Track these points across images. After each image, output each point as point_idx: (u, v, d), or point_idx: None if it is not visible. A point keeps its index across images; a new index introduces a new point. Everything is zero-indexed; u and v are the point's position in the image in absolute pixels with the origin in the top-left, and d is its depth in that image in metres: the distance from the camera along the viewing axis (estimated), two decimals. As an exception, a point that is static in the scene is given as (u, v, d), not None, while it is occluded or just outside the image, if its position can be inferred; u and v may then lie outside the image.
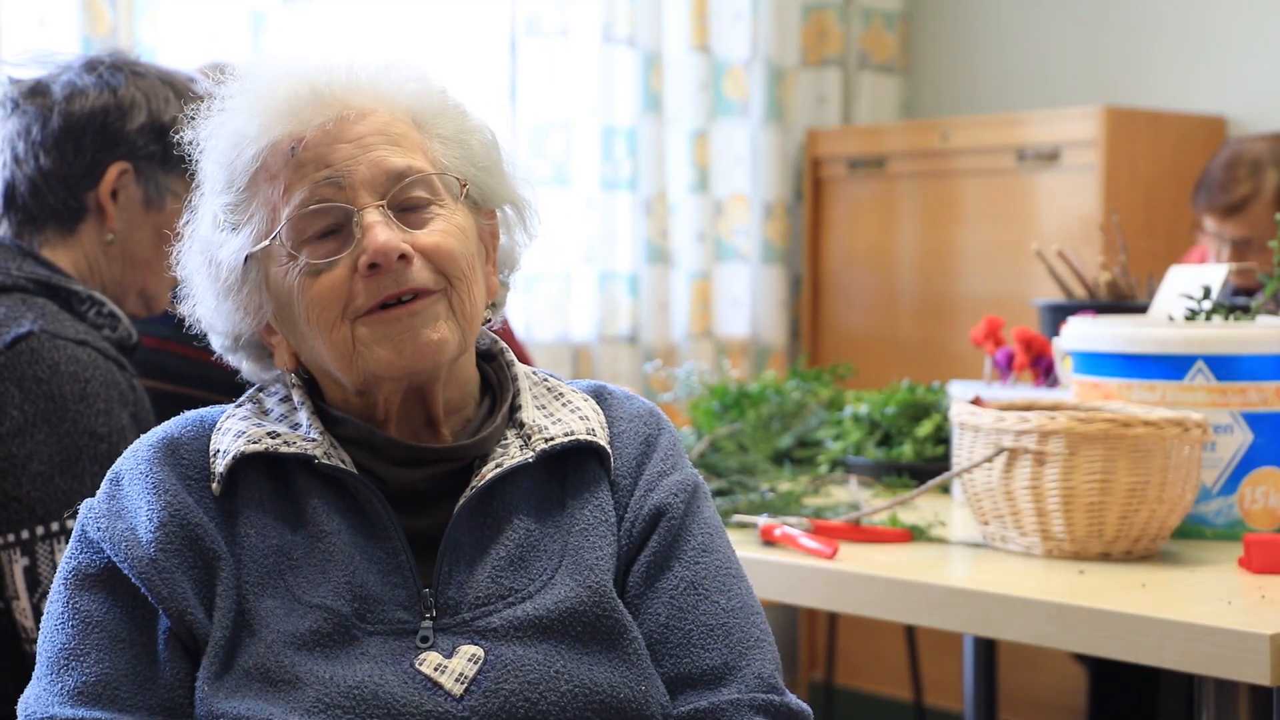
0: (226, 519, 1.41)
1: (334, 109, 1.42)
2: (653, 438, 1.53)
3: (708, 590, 1.46)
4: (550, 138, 4.17)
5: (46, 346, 1.88)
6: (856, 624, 4.39)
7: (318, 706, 1.32)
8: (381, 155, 1.42)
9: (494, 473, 1.44)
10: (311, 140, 1.42)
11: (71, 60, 2.09)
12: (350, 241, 1.41)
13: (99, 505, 1.43)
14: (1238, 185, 3.72)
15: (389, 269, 1.40)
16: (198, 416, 1.48)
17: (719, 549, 1.50)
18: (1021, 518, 2.08)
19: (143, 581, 1.37)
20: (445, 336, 1.42)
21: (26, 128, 2.03)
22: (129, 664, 1.36)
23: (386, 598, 1.39)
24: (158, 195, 2.06)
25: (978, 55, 4.82)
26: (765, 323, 4.60)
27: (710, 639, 1.43)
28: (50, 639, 1.39)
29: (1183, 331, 2.19)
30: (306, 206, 1.41)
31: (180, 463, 1.43)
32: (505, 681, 1.35)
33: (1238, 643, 1.70)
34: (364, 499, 1.42)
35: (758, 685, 1.42)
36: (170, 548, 1.38)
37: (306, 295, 1.41)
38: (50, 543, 1.84)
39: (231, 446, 1.43)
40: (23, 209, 2.04)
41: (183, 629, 1.37)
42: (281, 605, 1.37)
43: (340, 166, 1.41)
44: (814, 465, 2.76)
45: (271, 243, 1.42)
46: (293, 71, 1.44)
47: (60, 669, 1.36)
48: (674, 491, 1.49)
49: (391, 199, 1.42)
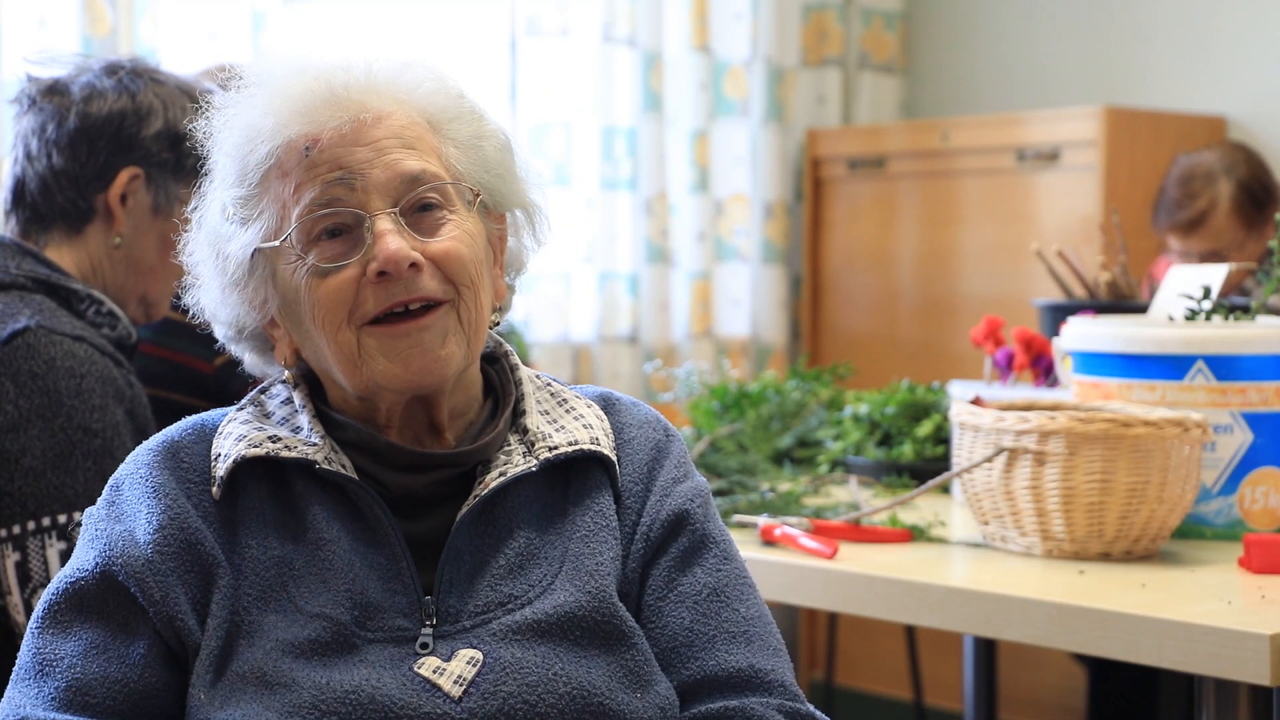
0: (226, 525, 1.41)
1: (350, 110, 1.41)
2: (664, 444, 1.52)
3: (729, 598, 1.46)
4: (550, 138, 4.17)
5: (43, 342, 1.88)
6: (856, 624, 4.39)
7: (314, 711, 1.32)
8: (396, 159, 1.42)
9: (497, 481, 1.44)
10: (327, 141, 1.41)
11: (91, 62, 2.09)
12: (360, 245, 1.40)
13: (98, 510, 1.43)
14: (1194, 200, 3.70)
15: (399, 277, 1.39)
16: (199, 421, 1.48)
17: (736, 558, 1.50)
18: (1021, 518, 2.08)
19: (135, 583, 1.36)
20: (452, 352, 1.41)
21: (42, 125, 2.03)
22: (101, 669, 1.35)
23: (387, 605, 1.38)
24: (166, 203, 2.06)
25: (978, 55, 4.82)
26: (765, 323, 4.60)
27: (735, 644, 1.43)
28: (29, 645, 1.38)
29: (1183, 331, 2.19)
30: (317, 207, 1.41)
31: (180, 467, 1.43)
32: (504, 683, 1.35)
33: (1237, 642, 1.70)
34: (364, 505, 1.42)
35: (784, 693, 1.43)
36: (167, 550, 1.37)
37: (313, 295, 1.41)
38: (42, 537, 1.85)
39: (232, 450, 1.42)
40: (31, 206, 2.04)
41: (171, 634, 1.37)
42: (283, 618, 1.36)
43: (354, 169, 1.40)
44: (814, 465, 2.76)
45: (281, 241, 1.42)
46: (310, 69, 1.43)
47: (36, 674, 1.36)
48: (691, 498, 1.49)
49: (404, 205, 1.42)
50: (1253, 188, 3.70)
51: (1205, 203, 3.68)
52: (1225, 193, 3.69)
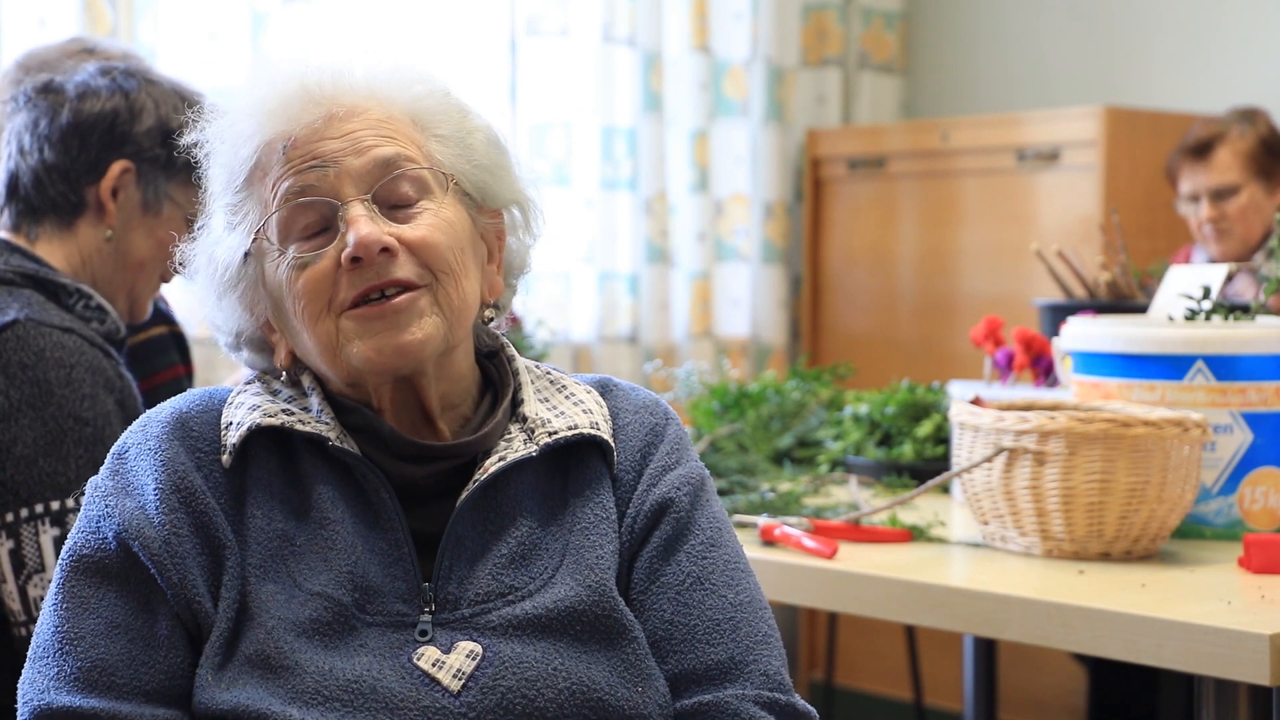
0: (234, 497, 1.41)
1: (324, 107, 1.43)
2: (659, 428, 1.52)
3: (714, 585, 1.45)
4: (550, 138, 4.17)
5: (32, 334, 1.90)
6: (856, 624, 4.39)
7: (316, 698, 1.33)
8: (369, 145, 1.43)
9: (497, 466, 1.44)
10: (301, 138, 1.43)
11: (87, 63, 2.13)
12: (336, 235, 1.42)
13: (104, 483, 1.43)
14: (1207, 129, 3.78)
15: (371, 262, 1.40)
16: (206, 392, 1.49)
17: (726, 543, 1.49)
18: (1021, 518, 2.08)
19: (155, 564, 1.37)
20: (429, 334, 1.42)
21: (35, 121, 2.06)
22: (125, 649, 1.36)
23: (387, 589, 1.39)
24: (156, 200, 2.08)
25: (978, 55, 4.82)
26: (765, 323, 4.60)
27: (716, 634, 1.43)
28: (47, 621, 1.39)
29: (1182, 331, 2.19)
30: (292, 197, 1.42)
31: (190, 435, 1.43)
32: (503, 678, 1.35)
33: (1237, 642, 1.70)
34: (370, 487, 1.42)
35: (764, 682, 1.42)
36: (182, 531, 1.38)
37: (294, 289, 1.42)
38: (35, 524, 1.86)
39: (246, 419, 1.43)
40: (24, 199, 2.07)
41: (188, 615, 1.37)
42: (282, 591, 1.37)
43: (327, 157, 1.42)
44: (814, 465, 2.76)
45: (260, 235, 1.43)
46: (287, 72, 1.46)
47: (56, 653, 1.36)
48: (678, 485, 1.49)
49: (377, 193, 1.43)
50: (1268, 139, 3.77)
51: (1218, 130, 3.75)
52: (1238, 132, 3.75)
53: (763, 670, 1.43)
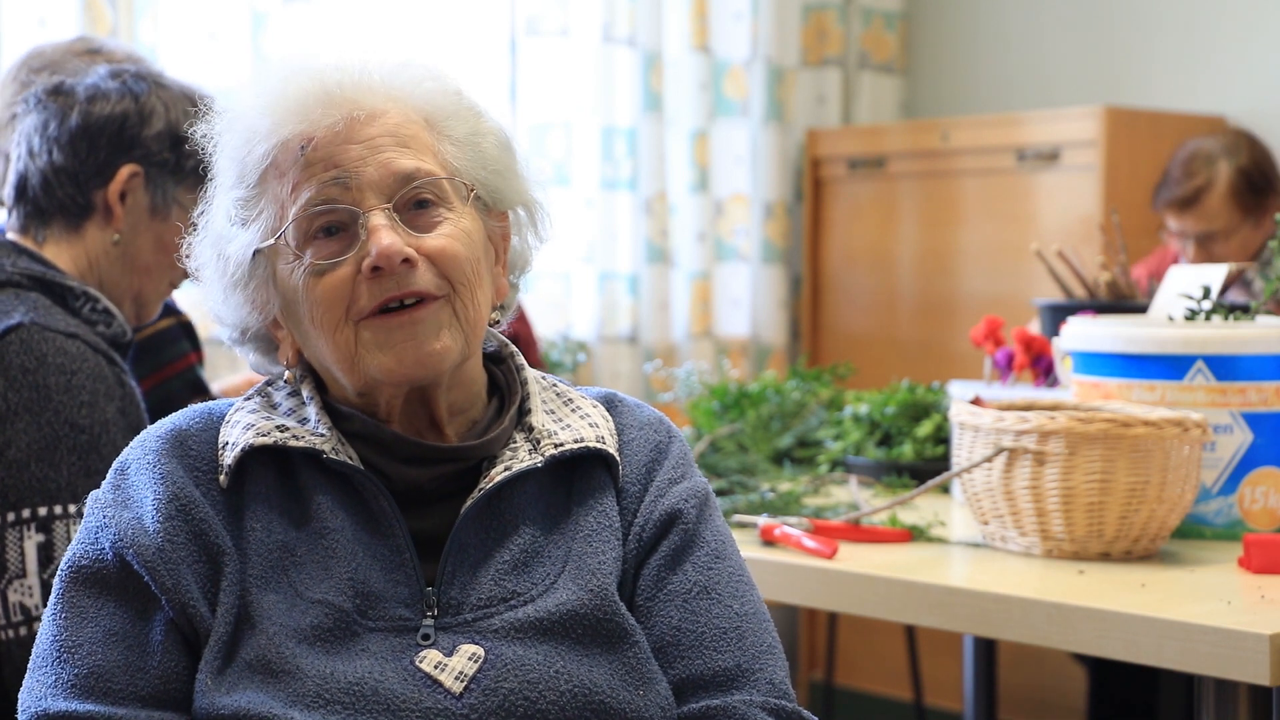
0: (233, 512, 1.42)
1: (344, 109, 1.42)
2: (663, 445, 1.53)
3: (720, 595, 1.46)
4: (550, 138, 4.17)
5: (35, 338, 1.90)
6: (856, 624, 4.39)
7: (318, 701, 1.33)
8: (390, 157, 1.42)
9: (503, 475, 1.44)
10: (321, 140, 1.42)
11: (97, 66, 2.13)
12: (355, 243, 1.41)
13: (104, 496, 1.44)
14: (1192, 179, 3.76)
15: (392, 272, 1.40)
16: (205, 409, 1.49)
17: (731, 556, 1.50)
18: (1021, 518, 2.08)
19: (148, 571, 1.37)
20: (448, 345, 1.42)
21: (45, 123, 2.06)
22: (121, 655, 1.36)
23: (389, 595, 1.39)
24: (164, 204, 2.08)
25: (978, 55, 4.82)
26: (765, 323, 4.60)
27: (723, 642, 1.44)
28: (47, 631, 1.40)
29: (1182, 331, 2.19)
30: (313, 206, 1.42)
31: (188, 454, 1.44)
32: (505, 680, 1.35)
33: (1237, 642, 1.70)
34: (369, 495, 1.42)
35: (770, 690, 1.43)
36: (178, 539, 1.38)
37: (311, 294, 1.42)
38: (20, 529, 1.85)
39: (240, 439, 1.43)
40: (32, 201, 2.07)
41: (184, 621, 1.38)
42: (284, 600, 1.38)
43: (348, 167, 1.41)
44: (814, 465, 2.76)
45: (277, 240, 1.43)
46: (305, 69, 1.45)
47: (54, 661, 1.37)
48: (685, 498, 1.49)
49: (398, 201, 1.42)
50: (1252, 174, 3.75)
51: (1202, 180, 3.75)
52: (1224, 174, 3.74)
53: (769, 679, 1.43)
